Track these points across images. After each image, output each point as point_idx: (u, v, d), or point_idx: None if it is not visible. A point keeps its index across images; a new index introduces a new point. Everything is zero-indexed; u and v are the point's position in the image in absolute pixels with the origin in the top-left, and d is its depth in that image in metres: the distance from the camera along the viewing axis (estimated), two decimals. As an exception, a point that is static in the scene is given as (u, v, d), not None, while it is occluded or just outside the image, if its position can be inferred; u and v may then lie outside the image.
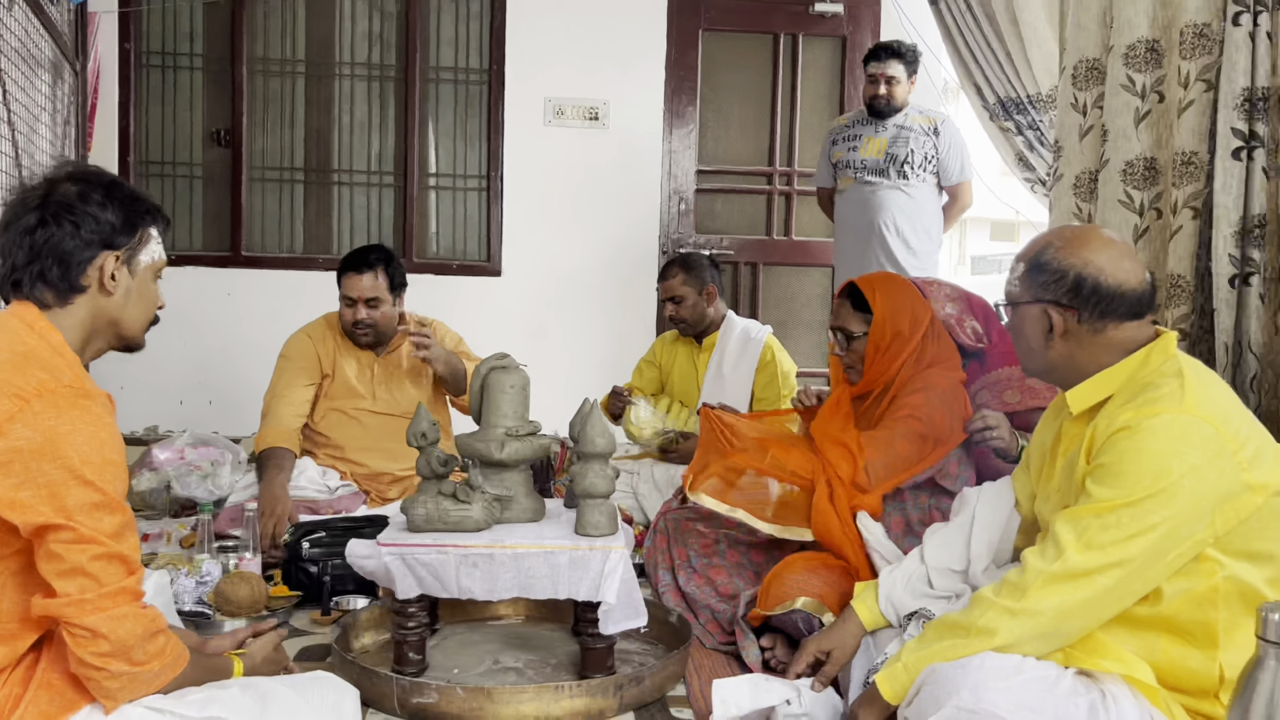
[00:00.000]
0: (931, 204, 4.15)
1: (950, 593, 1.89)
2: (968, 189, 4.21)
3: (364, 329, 3.25)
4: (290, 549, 2.65)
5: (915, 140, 4.08)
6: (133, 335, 1.63)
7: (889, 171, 4.08)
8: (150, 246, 1.61)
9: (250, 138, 4.96)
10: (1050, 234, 1.73)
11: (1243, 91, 2.91)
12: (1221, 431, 1.50)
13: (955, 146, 4.14)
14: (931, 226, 4.16)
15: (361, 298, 3.21)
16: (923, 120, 4.13)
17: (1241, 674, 1.26)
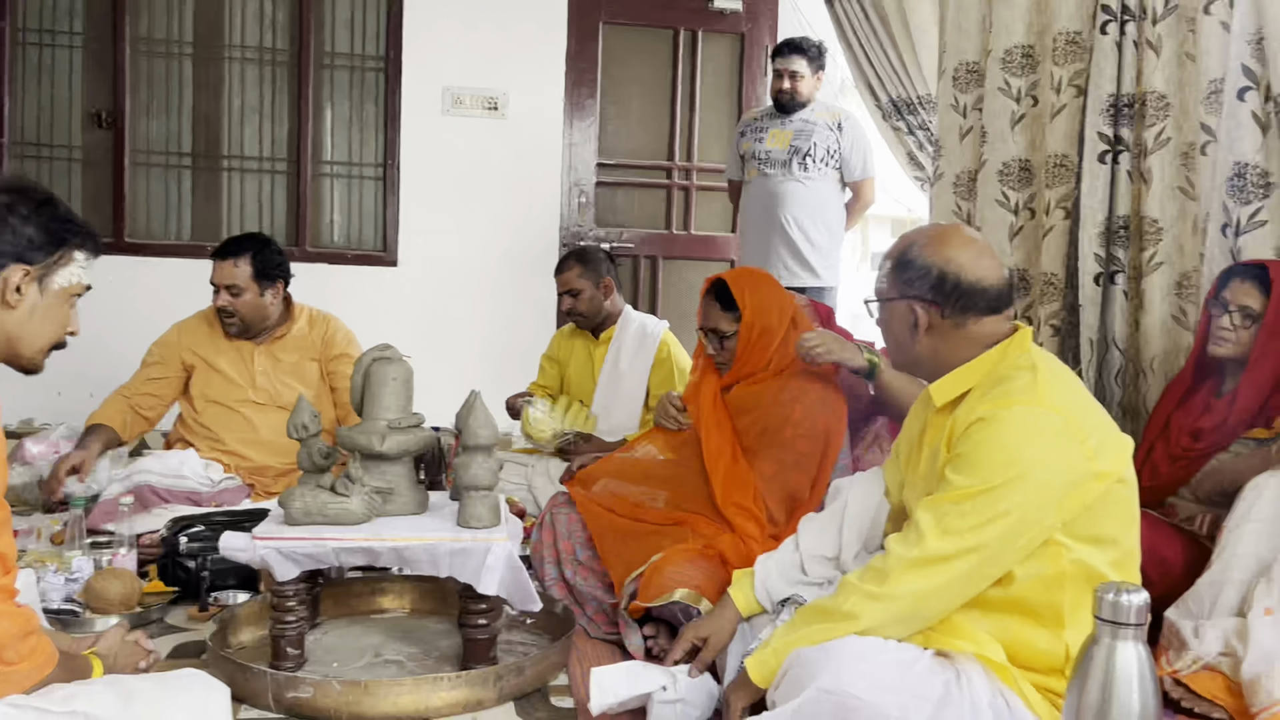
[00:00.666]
0: (833, 199, 4.22)
1: (823, 579, 1.94)
2: (870, 186, 4.29)
3: (228, 317, 3.23)
4: (167, 544, 2.58)
5: (819, 134, 4.14)
6: (29, 355, 1.61)
7: (791, 164, 4.14)
8: (70, 269, 1.59)
9: (133, 120, 4.79)
10: (915, 232, 1.79)
11: (1109, 97, 3.04)
12: (1070, 422, 1.58)
13: (858, 143, 4.21)
14: (832, 221, 4.22)
15: (221, 284, 3.20)
16: (827, 116, 4.20)
17: (1080, 650, 1.33)
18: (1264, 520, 2.12)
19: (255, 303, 3.24)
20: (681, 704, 1.83)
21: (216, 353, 3.31)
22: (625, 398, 3.66)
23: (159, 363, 3.35)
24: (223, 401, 3.27)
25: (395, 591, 2.54)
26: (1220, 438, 2.47)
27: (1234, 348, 2.48)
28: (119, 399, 3.32)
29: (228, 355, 3.31)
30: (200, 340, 3.34)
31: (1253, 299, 2.45)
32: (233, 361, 3.31)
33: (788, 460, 2.38)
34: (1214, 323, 2.51)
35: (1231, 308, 2.47)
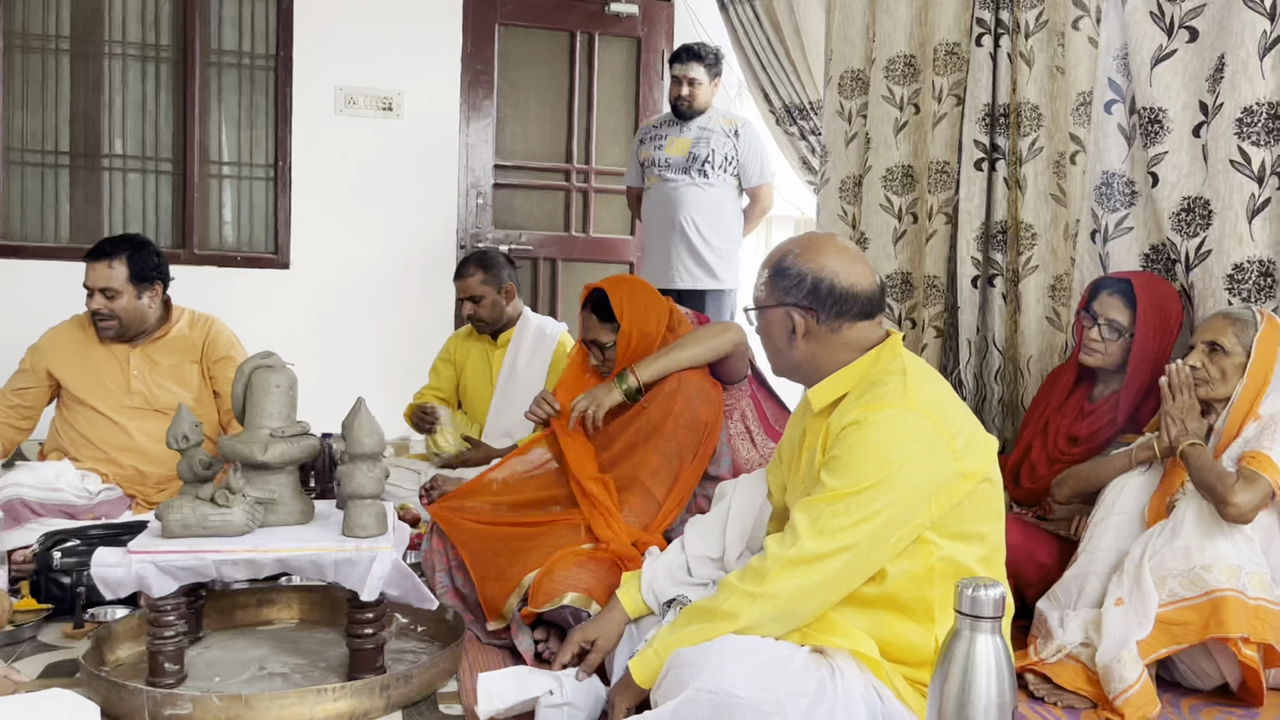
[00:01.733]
0: (731, 204, 4.28)
1: (708, 579, 1.98)
2: (768, 191, 4.35)
3: (103, 320, 3.14)
4: (40, 559, 2.49)
5: (716, 141, 4.19)
6: None
7: (690, 170, 4.18)
8: None
9: (8, 117, 4.59)
10: (790, 242, 1.84)
11: (984, 107, 3.16)
12: (937, 424, 1.64)
13: (754, 150, 4.27)
14: (731, 226, 4.28)
15: (95, 286, 3.12)
16: (724, 122, 4.25)
17: (942, 644, 1.39)
18: (1125, 514, 2.24)
19: (132, 305, 3.16)
20: (568, 707, 1.84)
21: (89, 357, 3.21)
22: (521, 400, 3.64)
23: (27, 370, 3.24)
24: (97, 408, 3.17)
25: (283, 602, 2.49)
26: (1096, 445, 2.58)
27: (1103, 359, 2.59)
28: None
29: (102, 359, 3.21)
30: (72, 345, 3.23)
31: (1119, 313, 2.56)
32: (107, 366, 3.21)
33: (669, 450, 2.44)
34: (1085, 334, 2.62)
35: (1100, 320, 2.58)
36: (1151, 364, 2.50)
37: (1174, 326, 2.55)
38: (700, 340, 2.56)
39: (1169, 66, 2.64)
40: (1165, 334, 2.53)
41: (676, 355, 2.52)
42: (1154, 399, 2.49)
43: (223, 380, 3.26)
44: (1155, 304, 2.53)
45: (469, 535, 2.45)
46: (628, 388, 2.50)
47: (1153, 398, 2.49)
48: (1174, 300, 2.57)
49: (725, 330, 2.59)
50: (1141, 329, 2.51)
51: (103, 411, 3.17)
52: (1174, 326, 2.55)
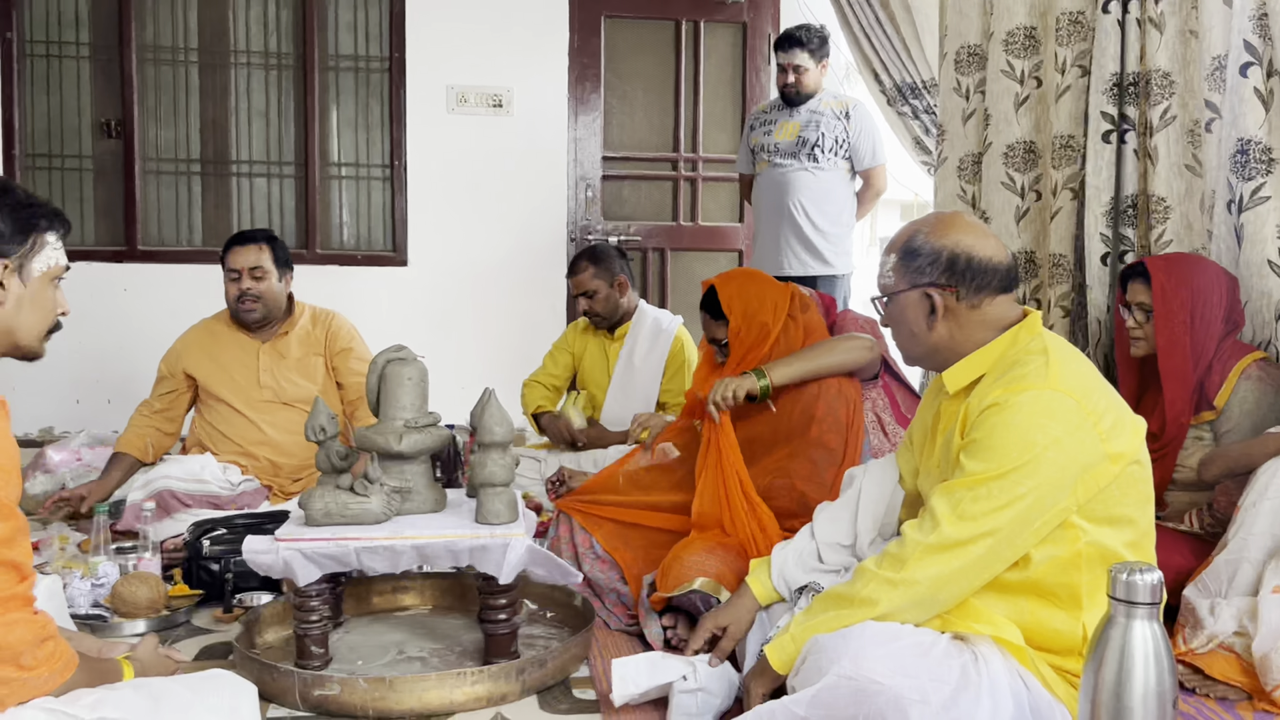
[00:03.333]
0: (841, 187, 4.21)
1: (839, 566, 1.96)
2: (880, 173, 4.27)
3: (250, 301, 3.28)
4: (190, 547, 2.61)
5: (826, 124, 4.12)
6: (29, 344, 1.60)
7: (800, 155, 4.12)
8: (46, 253, 1.58)
9: (142, 128, 4.82)
10: (916, 223, 1.80)
11: (1112, 76, 3.04)
12: (1082, 405, 1.59)
13: (866, 131, 4.19)
14: (842, 210, 4.21)
15: (245, 267, 3.26)
16: (835, 105, 4.18)
17: (1095, 631, 1.34)
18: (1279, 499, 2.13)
19: (275, 287, 3.32)
20: (702, 693, 1.85)
21: (221, 355, 3.37)
22: (639, 394, 3.68)
23: (166, 376, 3.42)
24: (231, 403, 3.32)
25: (416, 589, 2.57)
26: (1172, 434, 2.50)
27: (1145, 345, 2.57)
28: (141, 420, 3.39)
29: (233, 356, 3.36)
30: (203, 345, 3.39)
31: (1145, 295, 2.55)
32: (238, 362, 3.36)
33: (819, 456, 2.39)
34: (1126, 326, 2.62)
35: (1132, 306, 2.58)
36: (1184, 345, 2.46)
37: (1204, 305, 2.48)
38: (836, 351, 2.50)
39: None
40: (1196, 313, 2.47)
41: (812, 363, 2.48)
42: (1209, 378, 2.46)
43: (345, 372, 3.38)
44: (1175, 284, 2.49)
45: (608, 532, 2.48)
46: (764, 384, 2.45)
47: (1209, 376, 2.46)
48: (1205, 278, 2.51)
49: (861, 344, 2.54)
50: (1160, 310, 2.49)
51: (236, 407, 3.32)
52: (1204, 305, 2.48)
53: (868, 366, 2.55)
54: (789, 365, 2.47)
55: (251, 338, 3.38)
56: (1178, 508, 2.47)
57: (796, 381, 2.47)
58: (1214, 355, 2.48)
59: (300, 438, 3.21)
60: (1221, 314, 2.50)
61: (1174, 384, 2.49)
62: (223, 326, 3.41)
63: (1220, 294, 2.51)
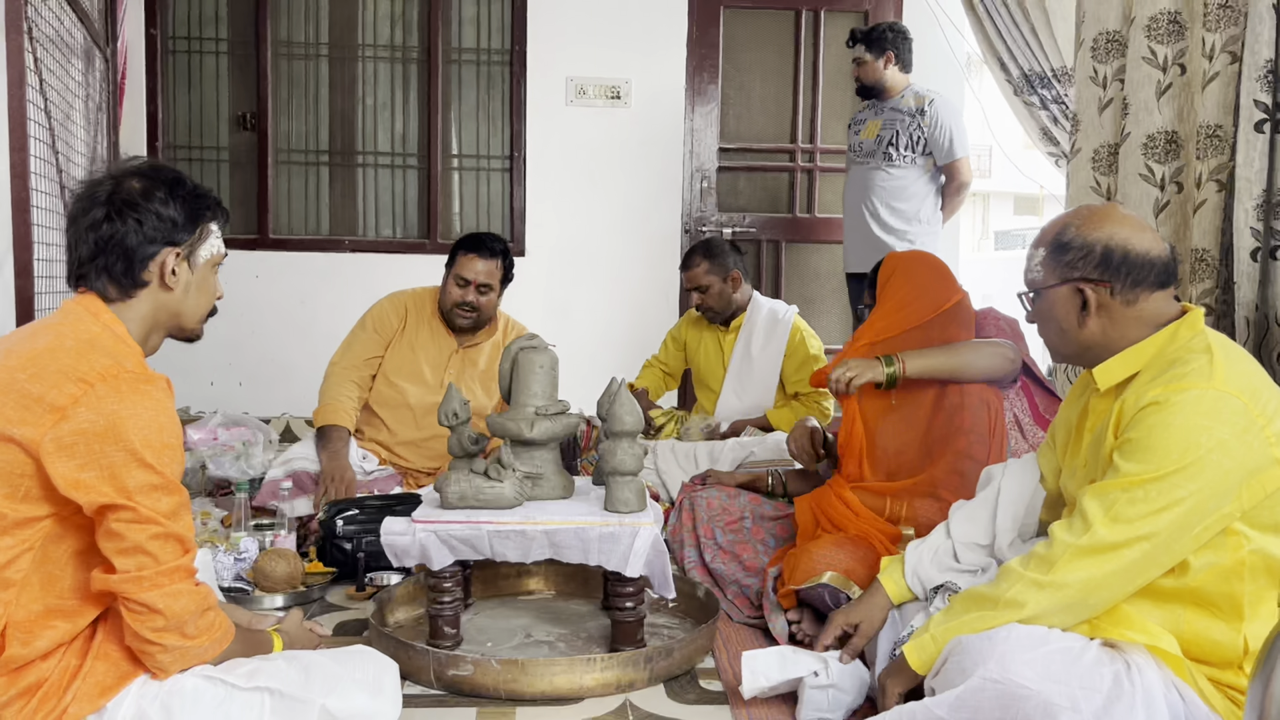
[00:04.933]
0: (917, 185, 4.14)
1: (976, 566, 1.91)
2: (961, 166, 4.15)
3: (469, 311, 3.27)
4: (325, 526, 2.70)
5: (901, 123, 4.11)
6: (192, 327, 1.69)
7: (876, 154, 4.14)
8: (210, 241, 1.67)
9: (275, 121, 5.00)
10: (1066, 216, 1.74)
11: (1266, 64, 2.89)
12: (1250, 407, 1.52)
13: (942, 125, 4.10)
14: (919, 208, 4.14)
15: (476, 281, 3.24)
16: (914, 101, 4.13)
17: (1265, 643, 1.28)
18: None
19: (494, 303, 3.32)
20: (834, 689, 1.83)
21: (416, 344, 3.34)
22: (757, 384, 3.66)
23: (373, 335, 3.32)
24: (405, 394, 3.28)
25: (540, 574, 2.60)
26: None
27: None
28: (348, 385, 3.26)
29: (426, 349, 3.34)
30: (412, 324, 3.34)
31: None
32: (430, 357, 3.33)
33: (967, 469, 2.31)
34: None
35: None
36: None
37: None
38: (979, 354, 2.40)
39: None
40: None
41: (950, 361, 2.38)
42: None
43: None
44: None
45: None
46: (892, 372, 2.39)
47: None
48: None
49: (1003, 351, 2.44)
50: None
51: (409, 401, 3.29)
52: None
53: (1009, 376, 2.46)
54: (925, 358, 2.38)
55: (450, 337, 3.36)
56: None
57: (929, 376, 2.39)
58: None
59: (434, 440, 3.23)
60: None
61: None
62: (427, 314, 3.37)
63: None
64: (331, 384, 3.27)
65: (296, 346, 4.79)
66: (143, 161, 1.67)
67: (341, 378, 3.27)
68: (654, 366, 3.96)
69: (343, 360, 3.31)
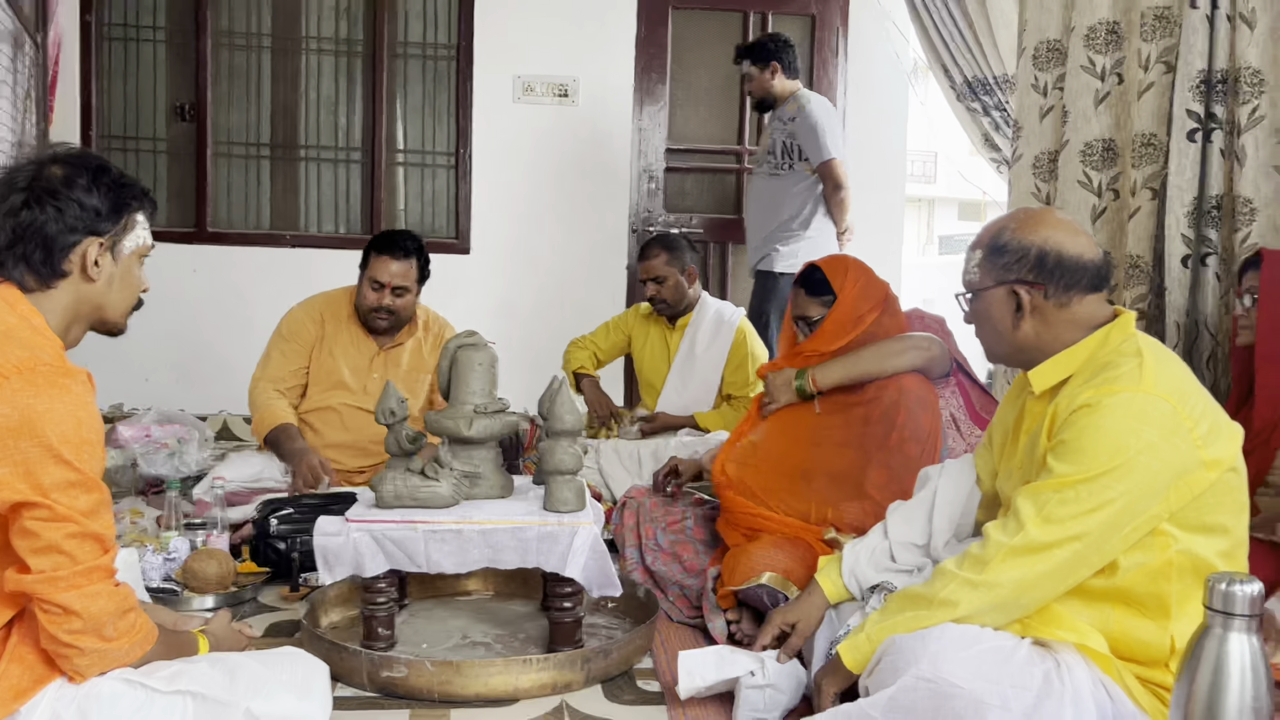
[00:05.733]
0: (795, 191, 4.18)
1: (912, 566, 1.92)
2: (834, 168, 4.11)
3: (384, 315, 3.16)
4: (258, 526, 2.64)
5: (778, 130, 4.22)
6: (115, 320, 1.63)
7: (766, 161, 4.26)
8: (136, 232, 1.61)
9: (215, 112, 4.90)
10: (1003, 219, 1.76)
11: (1199, 74, 2.95)
12: (1178, 409, 1.54)
13: (808, 131, 4.10)
14: (796, 214, 4.17)
15: (391, 284, 3.12)
16: (790, 108, 4.20)
17: (1190, 642, 1.30)
18: (1370, 511, 2.06)
19: (412, 304, 3.20)
20: (770, 689, 1.83)
21: (336, 348, 3.22)
22: (698, 384, 3.67)
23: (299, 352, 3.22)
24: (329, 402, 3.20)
25: (479, 574, 2.57)
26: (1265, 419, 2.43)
27: (1249, 333, 2.52)
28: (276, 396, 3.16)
29: (347, 353, 3.23)
30: (329, 333, 3.22)
31: (1256, 281, 2.49)
32: (351, 361, 3.22)
33: (896, 464, 2.32)
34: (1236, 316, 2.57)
35: (1244, 295, 2.53)
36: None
37: None
38: (886, 355, 2.42)
39: None
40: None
41: (859, 367, 2.41)
42: None
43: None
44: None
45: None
46: (801, 387, 2.43)
47: None
48: None
49: (911, 345, 2.45)
50: (1265, 295, 2.43)
51: (333, 405, 3.20)
52: None
53: (933, 366, 2.48)
54: (835, 368, 2.42)
55: (370, 339, 3.25)
56: (1271, 513, 2.40)
57: (842, 384, 2.42)
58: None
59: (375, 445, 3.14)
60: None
61: (1270, 368, 2.40)
62: (344, 317, 3.26)
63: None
64: (257, 396, 3.17)
65: (235, 342, 4.67)
66: (68, 149, 1.61)
67: (265, 389, 3.17)
68: (583, 347, 3.86)
69: (264, 375, 3.20)
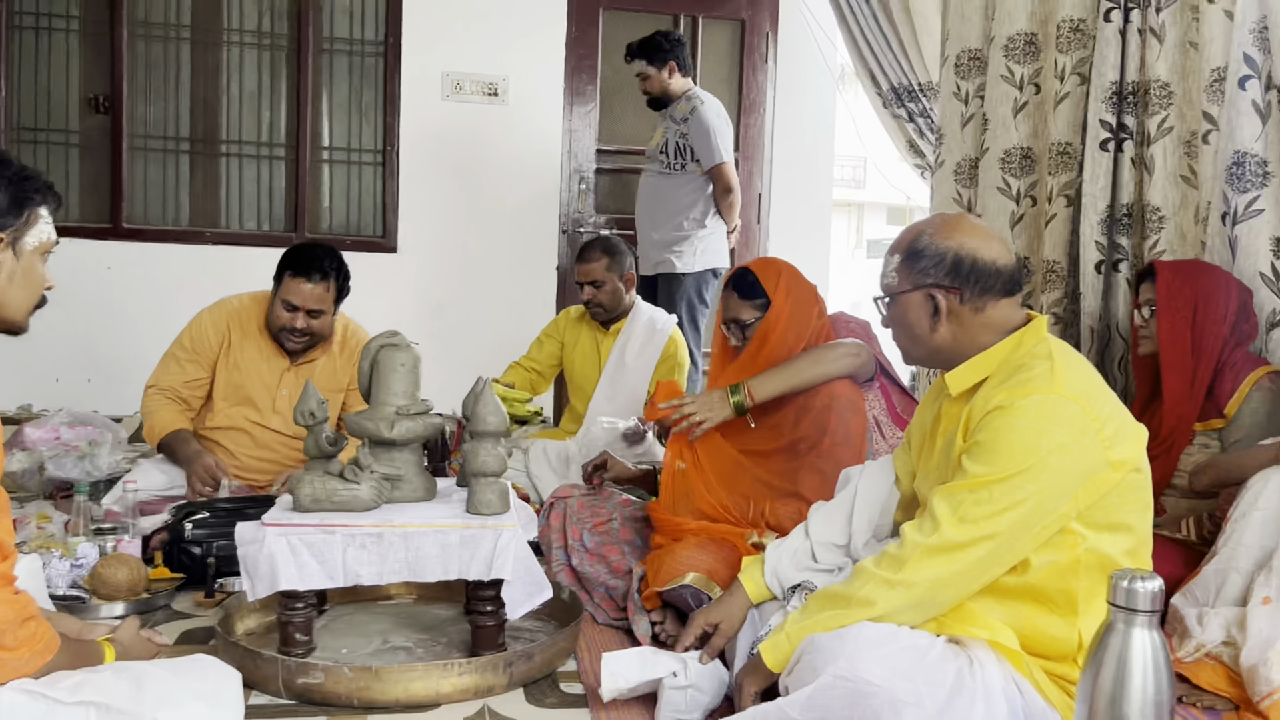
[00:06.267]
0: (688, 190, 4.25)
1: (833, 566, 1.95)
2: (724, 171, 4.21)
3: (299, 336, 3.04)
4: (172, 530, 2.57)
5: (671, 130, 4.28)
6: (15, 318, 1.58)
7: (659, 161, 4.31)
8: (39, 228, 1.56)
9: (131, 105, 4.76)
10: (920, 224, 1.79)
11: (1112, 85, 3.04)
12: (1087, 411, 1.58)
13: (699, 132, 4.18)
14: (686, 213, 4.25)
15: (305, 306, 2.99)
16: (684, 109, 4.27)
17: (1095, 637, 1.34)
18: (1268, 510, 2.13)
19: (328, 324, 3.07)
20: (692, 690, 1.83)
21: (243, 362, 3.10)
22: (628, 391, 3.65)
23: (194, 363, 3.09)
24: (235, 421, 3.09)
25: (401, 578, 2.53)
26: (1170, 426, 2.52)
27: (1151, 343, 2.61)
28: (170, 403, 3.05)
29: (255, 368, 3.10)
30: (235, 341, 3.09)
31: (1153, 292, 2.59)
32: (258, 377, 3.10)
33: (829, 469, 2.32)
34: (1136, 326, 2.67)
35: (1142, 306, 2.63)
36: (1184, 340, 2.50)
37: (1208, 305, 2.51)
38: (820, 363, 2.42)
39: (1315, 40, 2.51)
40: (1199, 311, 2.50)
41: (796, 377, 2.40)
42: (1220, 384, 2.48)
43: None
44: (1180, 283, 2.54)
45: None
46: (738, 402, 2.41)
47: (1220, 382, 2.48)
48: (1210, 281, 2.54)
49: (843, 352, 2.47)
50: (1163, 305, 2.54)
51: (240, 425, 3.10)
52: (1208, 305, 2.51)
53: (861, 370, 2.51)
54: (771, 380, 2.40)
55: (281, 355, 3.12)
56: (1175, 514, 2.48)
57: (777, 396, 2.42)
58: (1224, 361, 2.49)
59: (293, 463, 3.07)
60: (1229, 319, 2.50)
61: (1173, 376, 2.50)
62: (254, 330, 3.12)
63: (1227, 299, 2.51)
64: (147, 403, 3.07)
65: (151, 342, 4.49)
66: None
67: (156, 396, 3.06)
68: (521, 367, 3.84)
69: (158, 382, 3.08)
